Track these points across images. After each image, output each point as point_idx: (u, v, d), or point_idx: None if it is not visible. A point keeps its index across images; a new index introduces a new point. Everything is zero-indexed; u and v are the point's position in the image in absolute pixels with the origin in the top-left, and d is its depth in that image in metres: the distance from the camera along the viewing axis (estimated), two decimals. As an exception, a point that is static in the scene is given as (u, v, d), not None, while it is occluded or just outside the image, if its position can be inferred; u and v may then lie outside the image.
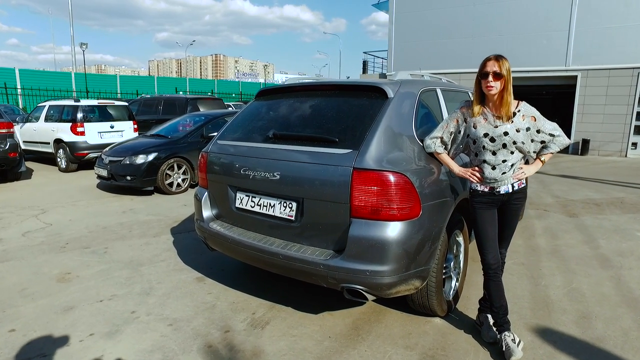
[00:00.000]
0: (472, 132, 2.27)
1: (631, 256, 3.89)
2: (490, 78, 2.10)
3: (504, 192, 2.27)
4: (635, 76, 11.94)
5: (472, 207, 2.35)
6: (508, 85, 2.13)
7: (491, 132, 2.21)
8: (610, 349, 2.37)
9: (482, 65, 2.15)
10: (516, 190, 2.29)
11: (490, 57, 2.14)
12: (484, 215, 2.30)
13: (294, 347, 2.40)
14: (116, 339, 2.47)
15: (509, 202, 2.31)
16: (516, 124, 2.20)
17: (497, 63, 2.10)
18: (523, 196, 2.35)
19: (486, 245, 2.31)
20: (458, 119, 2.33)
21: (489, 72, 2.11)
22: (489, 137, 2.21)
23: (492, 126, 2.21)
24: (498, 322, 2.36)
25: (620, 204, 6.00)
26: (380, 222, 2.15)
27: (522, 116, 2.22)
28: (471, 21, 14.27)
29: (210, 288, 3.18)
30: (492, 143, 2.21)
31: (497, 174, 2.24)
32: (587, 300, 2.98)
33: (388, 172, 2.14)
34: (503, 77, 2.10)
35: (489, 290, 2.35)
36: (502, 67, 2.09)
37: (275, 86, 3.00)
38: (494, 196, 2.29)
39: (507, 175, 2.24)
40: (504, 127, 2.19)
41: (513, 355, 2.19)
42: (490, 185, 2.27)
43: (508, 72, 2.11)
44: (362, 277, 2.16)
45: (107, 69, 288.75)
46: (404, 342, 2.45)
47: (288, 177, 2.39)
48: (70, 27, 22.90)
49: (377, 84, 2.48)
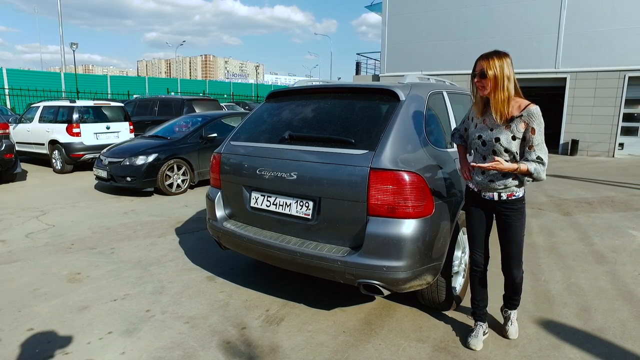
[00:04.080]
0: (471, 132, 2.25)
1: (624, 252, 4.05)
2: (477, 78, 2.06)
3: (488, 198, 2.23)
4: (622, 78, 12.29)
5: (465, 205, 2.43)
6: (501, 83, 1.99)
7: (485, 135, 2.14)
8: (611, 339, 2.50)
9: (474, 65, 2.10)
10: (503, 200, 2.19)
11: (481, 56, 2.06)
12: (472, 214, 2.36)
13: (311, 342, 2.48)
14: (135, 336, 2.52)
15: (497, 210, 2.24)
16: (513, 131, 2.05)
17: (484, 62, 2.01)
18: (516, 209, 2.19)
19: (472, 242, 2.42)
20: (468, 116, 2.35)
21: (476, 73, 2.07)
22: (481, 139, 2.15)
23: (488, 129, 2.13)
24: (477, 313, 2.48)
25: (611, 203, 6.20)
26: (396, 220, 2.24)
27: (523, 123, 2.04)
28: (463, 23, 14.51)
29: (222, 287, 3.23)
30: (483, 147, 2.15)
31: (484, 180, 2.19)
32: (586, 294, 3.12)
33: (403, 171, 2.24)
34: (488, 78, 2.00)
35: (473, 284, 2.47)
36: (489, 67, 1.99)
37: (286, 88, 3.07)
38: (480, 198, 2.29)
39: (495, 184, 2.16)
40: (498, 132, 2.09)
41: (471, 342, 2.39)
42: (479, 187, 2.27)
43: (499, 70, 1.98)
44: (379, 272, 2.25)
45: (94, 69, 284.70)
46: (416, 335, 2.54)
47: (305, 177, 2.46)
48: (60, 27, 22.59)
49: (390, 87, 2.57)
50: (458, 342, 2.47)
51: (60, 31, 22.51)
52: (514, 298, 2.47)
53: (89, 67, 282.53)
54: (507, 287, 2.45)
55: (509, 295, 2.48)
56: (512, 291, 2.45)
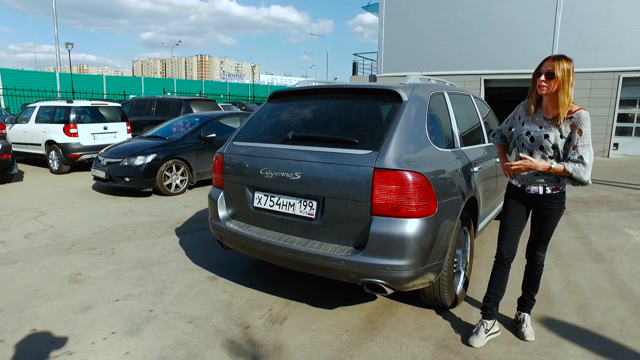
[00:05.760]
0: (518, 129, 2.36)
1: (621, 251, 4.10)
2: (543, 77, 2.13)
3: (533, 192, 2.33)
4: (617, 79, 12.41)
5: (505, 198, 2.50)
6: (564, 86, 2.11)
7: (533, 131, 2.26)
8: (610, 336, 2.54)
9: (539, 64, 2.18)
10: (548, 194, 2.30)
11: (549, 57, 2.15)
12: (510, 209, 2.44)
13: (314, 340, 2.49)
14: (139, 336, 2.53)
15: (540, 204, 2.35)
16: (562, 130, 2.19)
17: (553, 63, 2.10)
18: (557, 202, 2.32)
19: (503, 235, 2.47)
20: (515, 115, 2.44)
21: (542, 72, 2.14)
22: (530, 135, 2.28)
23: (537, 126, 2.26)
24: (485, 309, 2.52)
25: (607, 202, 6.27)
26: (399, 219, 2.26)
27: (572, 124, 2.17)
28: (460, 24, 14.58)
29: (224, 287, 3.24)
30: (531, 142, 2.27)
31: (529, 175, 2.31)
32: (585, 292, 3.16)
33: (407, 171, 2.26)
34: (556, 79, 2.09)
35: (492, 277, 2.53)
36: (556, 68, 2.09)
37: (288, 89, 3.09)
38: (524, 194, 2.38)
39: (540, 178, 2.28)
40: (547, 129, 2.21)
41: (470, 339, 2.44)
42: (523, 182, 2.36)
43: (566, 73, 2.09)
44: (383, 271, 2.27)
45: (89, 69, 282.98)
46: (419, 333, 2.57)
47: (309, 177, 2.48)
48: (54, 26, 22.46)
49: (392, 88, 2.59)
50: (460, 340, 2.49)
51: (55, 31, 22.37)
52: (531, 293, 2.54)
53: (83, 67, 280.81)
54: (528, 274, 2.54)
55: (527, 287, 2.55)
56: (531, 280, 2.52)
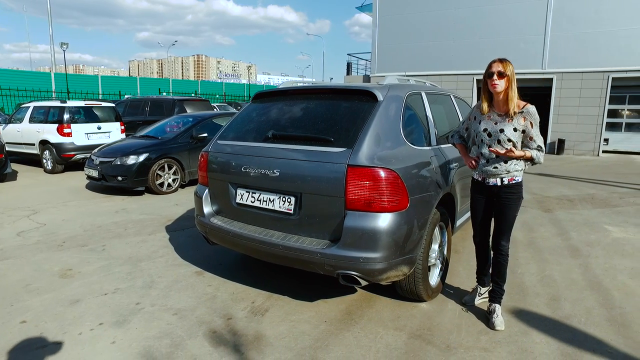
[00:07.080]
0: (475, 127, 2.61)
1: (598, 246, 4.23)
2: (495, 77, 2.40)
3: (492, 184, 2.59)
4: (606, 79, 12.58)
5: (470, 193, 2.79)
6: (512, 84, 2.41)
7: (490, 127, 2.52)
8: (575, 325, 2.66)
9: (487, 67, 2.45)
10: (505, 185, 2.55)
11: (495, 60, 2.44)
12: (475, 202, 2.76)
13: (293, 330, 2.60)
14: (125, 327, 2.63)
15: (499, 195, 2.60)
16: (514, 124, 2.46)
17: (501, 64, 2.40)
18: (515, 192, 2.57)
19: (474, 226, 2.84)
20: (470, 116, 2.69)
21: (493, 72, 2.41)
22: (487, 132, 2.53)
23: (492, 122, 2.52)
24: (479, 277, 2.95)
25: (591, 200, 6.41)
26: (372, 214, 2.37)
27: (523, 118, 2.46)
28: (453, 25, 14.72)
29: (210, 281, 3.34)
30: (489, 138, 2.52)
31: (489, 167, 2.56)
32: (558, 285, 3.28)
33: (379, 168, 2.37)
34: (506, 76, 2.39)
35: (477, 256, 2.91)
36: (505, 68, 2.39)
37: (272, 89, 3.19)
38: (484, 186, 2.64)
39: (499, 170, 2.53)
40: (502, 124, 2.48)
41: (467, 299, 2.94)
42: (483, 175, 2.62)
43: (512, 72, 2.40)
44: (356, 263, 2.38)
45: (85, 69, 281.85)
46: (394, 324, 2.68)
47: (287, 174, 2.59)
48: (49, 26, 22.46)
49: (368, 88, 2.70)
50: (433, 331, 2.61)
51: (50, 30, 22.37)
52: (499, 283, 2.70)
53: (79, 67, 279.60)
54: (494, 265, 2.72)
55: (495, 277, 2.72)
56: (498, 270, 2.70)
